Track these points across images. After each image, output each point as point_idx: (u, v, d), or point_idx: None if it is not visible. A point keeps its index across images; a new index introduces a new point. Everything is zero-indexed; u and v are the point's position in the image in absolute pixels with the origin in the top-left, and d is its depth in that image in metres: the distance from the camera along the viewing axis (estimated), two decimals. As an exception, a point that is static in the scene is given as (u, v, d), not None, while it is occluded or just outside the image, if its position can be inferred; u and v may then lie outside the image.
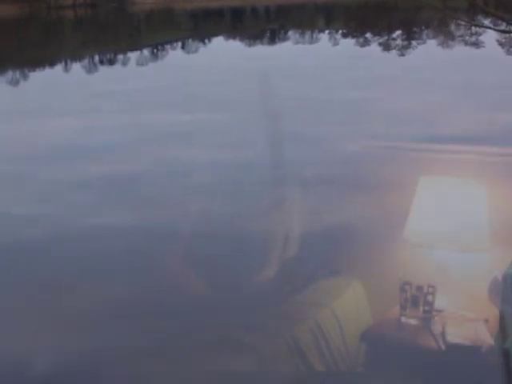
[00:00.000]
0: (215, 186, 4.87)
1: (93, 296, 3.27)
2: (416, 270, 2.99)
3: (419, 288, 2.90)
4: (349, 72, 9.98)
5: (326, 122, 6.78)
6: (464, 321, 2.88)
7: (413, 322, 2.90)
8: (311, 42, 13.30)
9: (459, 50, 11.11)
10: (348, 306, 3.14)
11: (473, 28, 11.74)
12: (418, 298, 2.90)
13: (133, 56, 14.06)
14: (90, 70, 12.51)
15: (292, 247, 3.53)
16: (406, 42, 11.68)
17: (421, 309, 2.90)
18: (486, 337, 2.76)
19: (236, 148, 5.86)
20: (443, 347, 2.74)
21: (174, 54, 14.60)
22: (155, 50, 15.02)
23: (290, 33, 15.09)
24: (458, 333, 2.79)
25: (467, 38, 11.36)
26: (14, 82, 10.97)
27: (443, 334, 2.79)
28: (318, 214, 3.76)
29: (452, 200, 2.96)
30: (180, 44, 16.16)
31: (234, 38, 15.41)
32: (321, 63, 11.30)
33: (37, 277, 3.58)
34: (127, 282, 3.47)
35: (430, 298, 2.89)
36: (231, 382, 2.73)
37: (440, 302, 2.91)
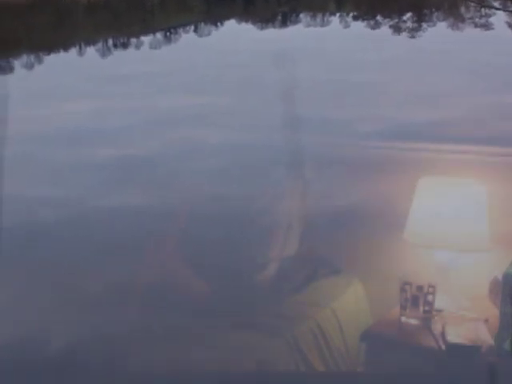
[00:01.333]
0: (233, 169, 4.81)
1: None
2: (416, 270, 2.99)
3: (419, 288, 2.90)
4: (361, 54, 9.89)
5: (340, 105, 6.67)
6: (464, 321, 2.88)
7: (413, 321, 2.90)
8: (322, 25, 13.18)
9: (469, 32, 11.01)
10: (348, 306, 3.14)
11: (482, 10, 11.63)
12: (417, 298, 2.90)
13: (146, 39, 13.98)
14: (104, 53, 12.45)
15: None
16: (416, 24, 11.59)
17: (421, 309, 2.90)
18: (486, 337, 2.76)
19: (257, 130, 5.80)
20: (443, 347, 2.74)
21: (187, 37, 14.52)
22: (168, 34, 14.93)
23: (302, 15, 14.97)
24: (458, 333, 2.78)
25: (477, 19, 11.24)
26: (29, 66, 10.96)
27: (443, 334, 2.78)
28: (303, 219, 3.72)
29: (452, 200, 2.95)
30: (193, 27, 16.05)
31: (246, 21, 15.28)
32: (332, 46, 11.21)
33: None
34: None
35: (430, 297, 2.89)
36: (231, 382, 2.74)
37: (440, 302, 2.91)
